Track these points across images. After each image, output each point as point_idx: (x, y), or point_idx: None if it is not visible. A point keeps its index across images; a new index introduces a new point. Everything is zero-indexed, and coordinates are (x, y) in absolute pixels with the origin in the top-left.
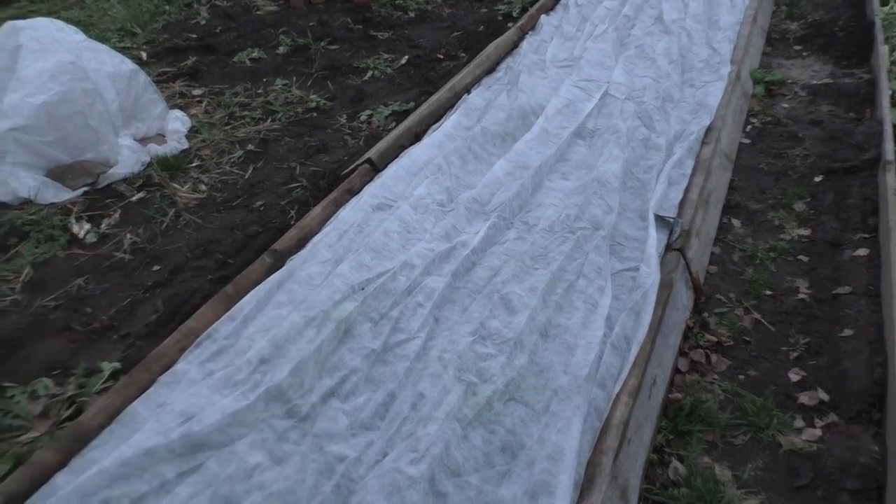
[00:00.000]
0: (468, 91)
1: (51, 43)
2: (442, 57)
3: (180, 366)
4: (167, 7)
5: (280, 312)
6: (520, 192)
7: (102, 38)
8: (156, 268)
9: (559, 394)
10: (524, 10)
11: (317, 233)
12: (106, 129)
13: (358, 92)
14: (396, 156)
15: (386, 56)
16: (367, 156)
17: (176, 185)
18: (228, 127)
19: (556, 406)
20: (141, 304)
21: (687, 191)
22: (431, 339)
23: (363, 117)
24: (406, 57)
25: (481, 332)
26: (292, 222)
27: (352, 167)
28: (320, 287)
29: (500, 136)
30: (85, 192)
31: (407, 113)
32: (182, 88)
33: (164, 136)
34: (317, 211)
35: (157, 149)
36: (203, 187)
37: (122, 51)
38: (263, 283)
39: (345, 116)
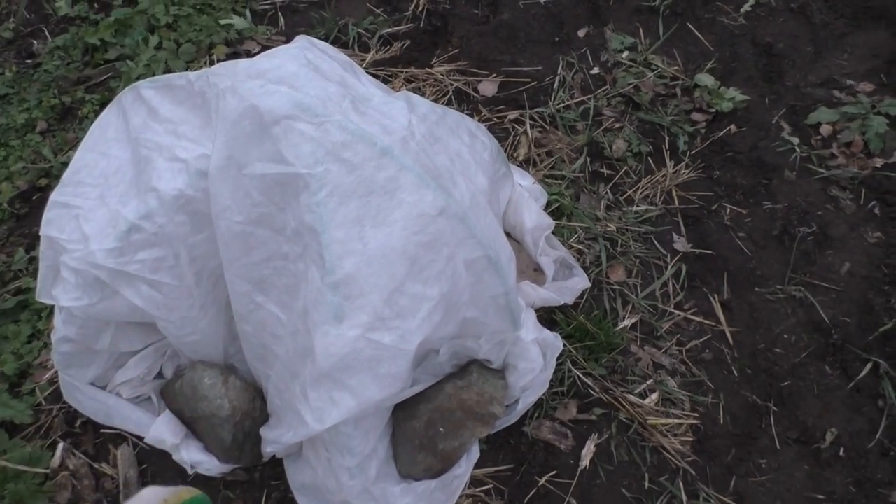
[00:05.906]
0: None
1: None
2: None
3: None
4: None
5: None
6: None
7: None
8: None
9: None
10: None
11: None
12: (497, 314)
13: (761, 52)
14: None
15: None
16: None
17: (633, 399)
18: (602, 187)
19: None
20: None
21: None
22: None
23: (824, 130)
24: None
25: None
26: None
27: None
28: None
29: None
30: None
31: None
32: (457, 85)
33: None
34: None
35: (540, 296)
36: (675, 387)
37: None
38: None
39: (784, 123)
